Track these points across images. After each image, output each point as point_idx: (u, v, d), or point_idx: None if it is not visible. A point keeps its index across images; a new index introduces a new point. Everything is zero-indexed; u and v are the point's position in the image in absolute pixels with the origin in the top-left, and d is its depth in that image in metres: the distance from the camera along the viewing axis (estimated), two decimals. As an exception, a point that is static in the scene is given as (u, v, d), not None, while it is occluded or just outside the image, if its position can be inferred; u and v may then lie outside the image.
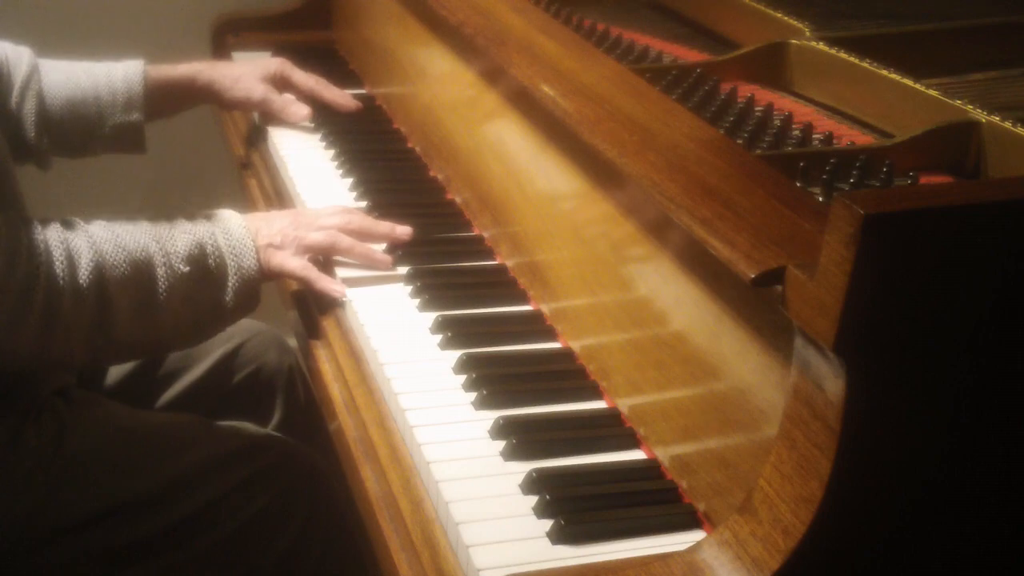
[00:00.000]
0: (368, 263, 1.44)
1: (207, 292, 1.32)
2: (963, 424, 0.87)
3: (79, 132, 1.68)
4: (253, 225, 1.39)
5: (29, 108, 1.62)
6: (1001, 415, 0.88)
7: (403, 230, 1.48)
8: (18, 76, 1.61)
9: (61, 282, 1.23)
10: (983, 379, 0.86)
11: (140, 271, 1.28)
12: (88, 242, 1.26)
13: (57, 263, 1.23)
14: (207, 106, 1.94)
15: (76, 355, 1.29)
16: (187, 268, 1.30)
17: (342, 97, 1.90)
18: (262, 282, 1.37)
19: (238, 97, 1.82)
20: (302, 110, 1.85)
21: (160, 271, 1.29)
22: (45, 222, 1.27)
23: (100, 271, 1.26)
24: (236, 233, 1.36)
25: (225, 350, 1.70)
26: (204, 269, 1.32)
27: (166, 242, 1.30)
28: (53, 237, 1.25)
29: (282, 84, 1.87)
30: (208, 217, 1.38)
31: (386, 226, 1.47)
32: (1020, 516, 0.92)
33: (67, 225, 1.29)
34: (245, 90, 1.81)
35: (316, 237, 1.41)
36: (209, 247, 1.32)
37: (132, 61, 1.72)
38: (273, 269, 1.38)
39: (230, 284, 1.33)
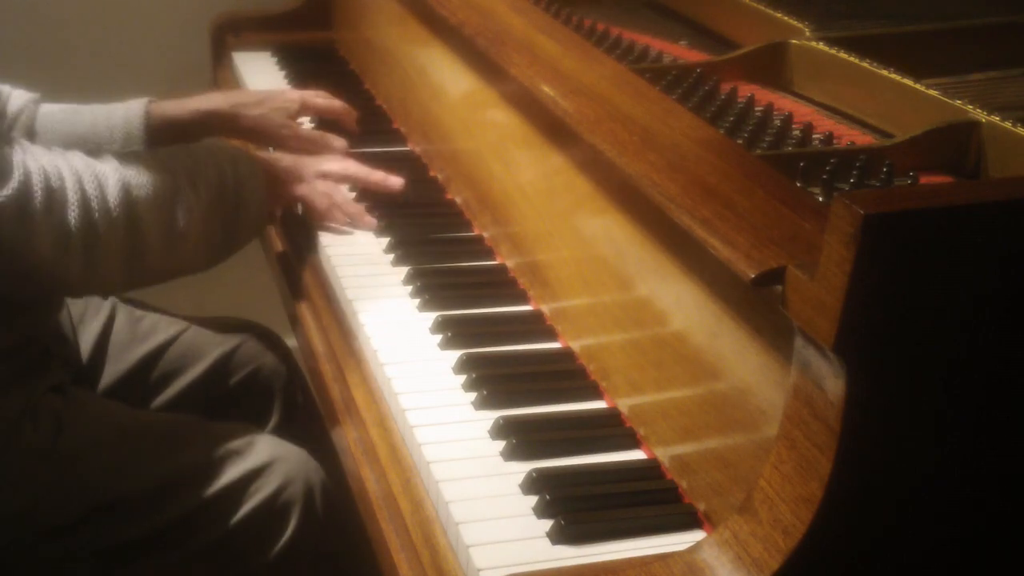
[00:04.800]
0: (356, 220, 1.54)
1: (223, 213, 1.40)
2: (963, 424, 0.87)
3: None
4: (261, 154, 1.54)
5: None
6: (1001, 415, 0.88)
7: (396, 180, 1.58)
8: (8, 112, 1.53)
9: (93, 202, 1.28)
10: (983, 379, 0.86)
11: (163, 193, 1.34)
12: (112, 165, 1.32)
13: (88, 184, 1.28)
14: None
15: (117, 281, 1.37)
16: (203, 190, 1.38)
17: (383, 178, 1.62)
18: (271, 205, 1.49)
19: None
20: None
21: (181, 194, 1.36)
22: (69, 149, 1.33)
23: (127, 192, 1.31)
24: (244, 158, 1.45)
25: (223, 351, 1.69)
26: (219, 189, 1.40)
27: (182, 166, 1.38)
28: (79, 162, 1.30)
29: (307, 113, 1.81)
30: (218, 144, 1.48)
31: (379, 175, 1.58)
32: (1020, 516, 0.92)
33: (90, 153, 1.34)
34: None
35: (329, 166, 1.56)
36: (227, 168, 1.41)
37: (135, 100, 1.61)
38: (292, 192, 1.53)
39: (246, 200, 1.42)
